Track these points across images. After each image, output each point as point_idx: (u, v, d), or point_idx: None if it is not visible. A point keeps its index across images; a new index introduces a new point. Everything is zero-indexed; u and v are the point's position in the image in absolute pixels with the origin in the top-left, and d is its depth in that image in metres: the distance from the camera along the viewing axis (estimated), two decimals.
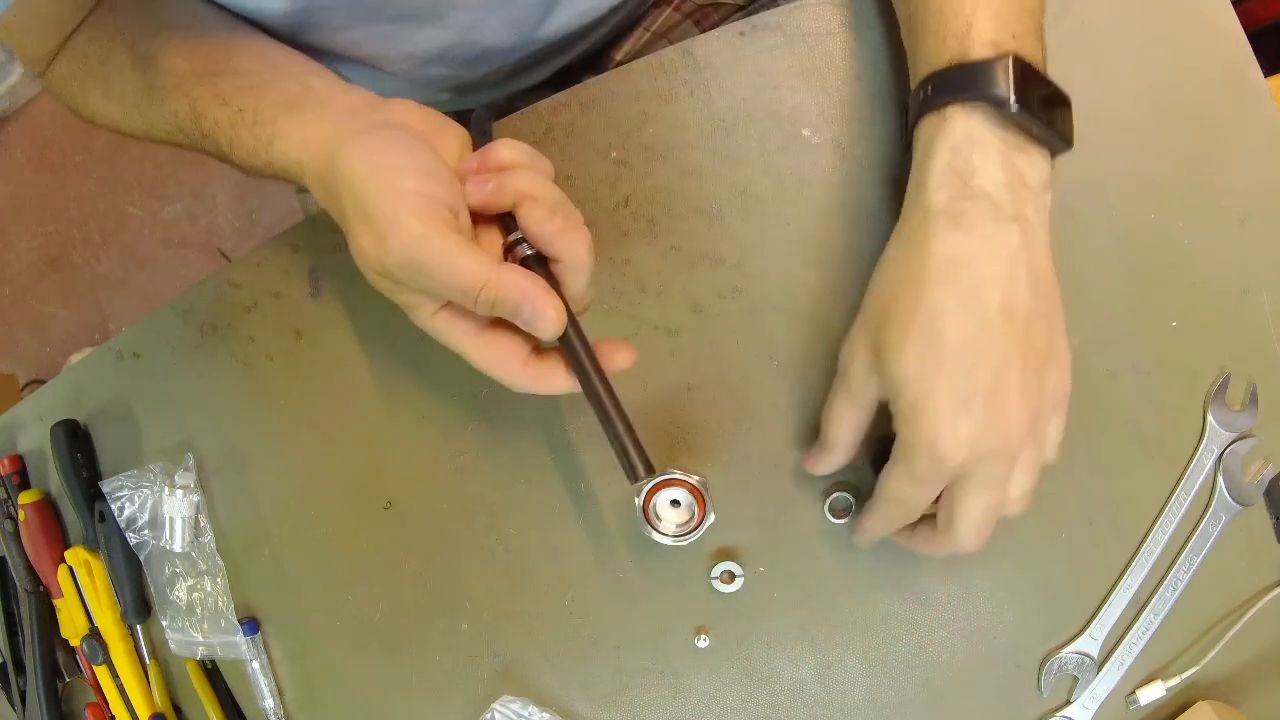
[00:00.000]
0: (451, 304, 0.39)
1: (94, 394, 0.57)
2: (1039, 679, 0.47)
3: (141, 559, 0.55)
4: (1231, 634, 0.46)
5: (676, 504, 0.45)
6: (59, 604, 0.58)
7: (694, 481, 0.44)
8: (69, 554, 0.57)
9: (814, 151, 0.48)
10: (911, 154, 0.41)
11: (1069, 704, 0.47)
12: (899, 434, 0.38)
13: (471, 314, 0.39)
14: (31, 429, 0.60)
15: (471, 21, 0.52)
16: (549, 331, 0.37)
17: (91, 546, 0.57)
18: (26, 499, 0.57)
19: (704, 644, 0.49)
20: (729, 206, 0.49)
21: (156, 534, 0.54)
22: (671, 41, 0.66)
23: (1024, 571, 0.47)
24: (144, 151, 1.70)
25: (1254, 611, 0.46)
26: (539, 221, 0.37)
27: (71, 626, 0.57)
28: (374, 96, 0.44)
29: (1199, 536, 0.46)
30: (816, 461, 0.44)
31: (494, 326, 0.40)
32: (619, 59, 0.66)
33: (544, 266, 0.39)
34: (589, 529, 0.50)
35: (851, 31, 0.48)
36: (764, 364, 0.48)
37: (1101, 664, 0.47)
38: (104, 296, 1.70)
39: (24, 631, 0.59)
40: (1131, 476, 0.47)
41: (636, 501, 0.45)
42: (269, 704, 0.53)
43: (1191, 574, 0.46)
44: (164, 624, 0.55)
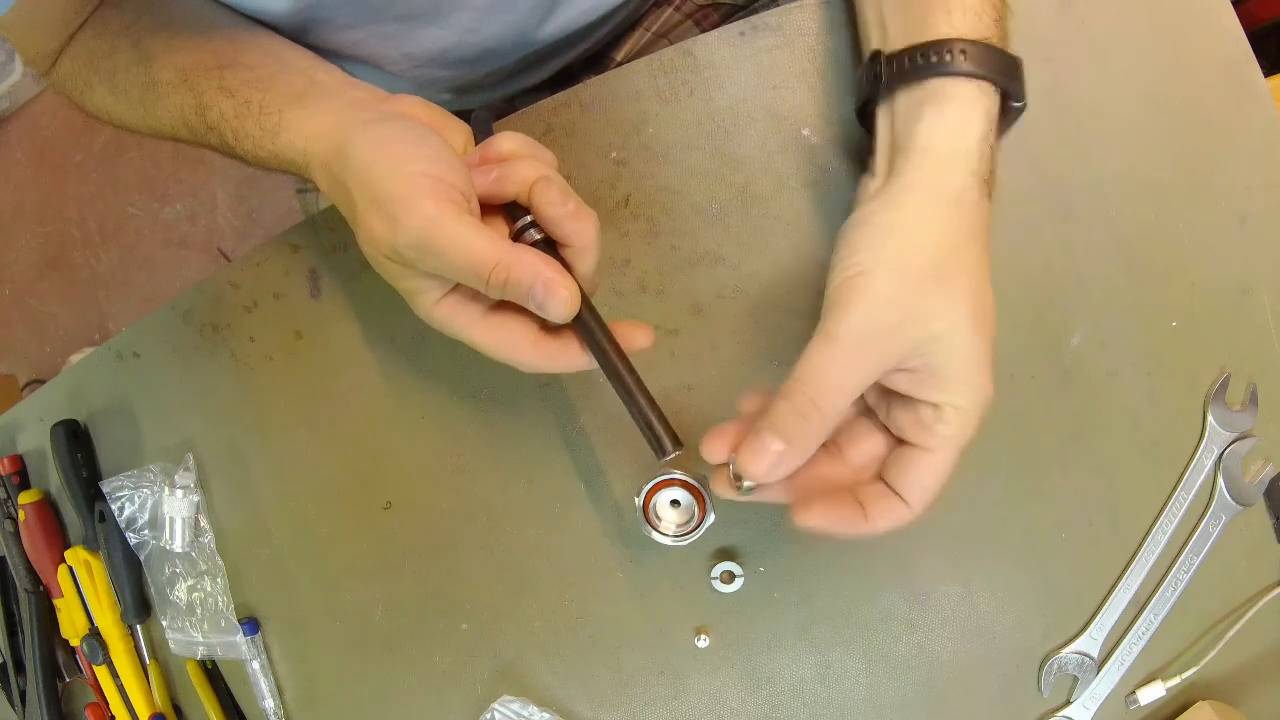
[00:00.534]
0: (456, 291, 0.39)
1: (94, 394, 0.57)
2: (1039, 679, 0.47)
3: (141, 559, 0.55)
4: (1231, 634, 0.46)
5: (676, 504, 0.45)
6: (59, 604, 0.58)
7: (694, 481, 0.44)
8: (69, 554, 0.57)
9: (814, 151, 0.48)
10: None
11: (1069, 704, 0.47)
12: (936, 398, 0.35)
13: (476, 298, 0.39)
14: (31, 429, 0.60)
15: (473, 22, 0.52)
16: (562, 313, 0.36)
17: (91, 546, 0.57)
18: (26, 499, 0.57)
19: (704, 644, 0.49)
20: (729, 206, 0.49)
21: (156, 534, 0.54)
22: (671, 41, 0.66)
23: (1024, 571, 0.47)
24: (144, 151, 1.70)
25: (1254, 611, 0.46)
26: (553, 203, 0.37)
27: (71, 626, 0.57)
28: (380, 91, 0.44)
29: (1199, 536, 0.46)
30: (794, 450, 0.36)
31: (500, 308, 0.39)
32: (619, 59, 0.66)
33: (553, 252, 0.39)
34: (589, 529, 0.50)
35: (851, 31, 0.48)
36: (764, 364, 0.48)
37: (1101, 664, 0.47)
38: (104, 296, 1.70)
39: (24, 631, 0.59)
40: (1131, 476, 0.47)
41: (636, 501, 0.45)
42: (269, 704, 0.53)
43: (1191, 574, 0.46)
44: (164, 624, 0.55)
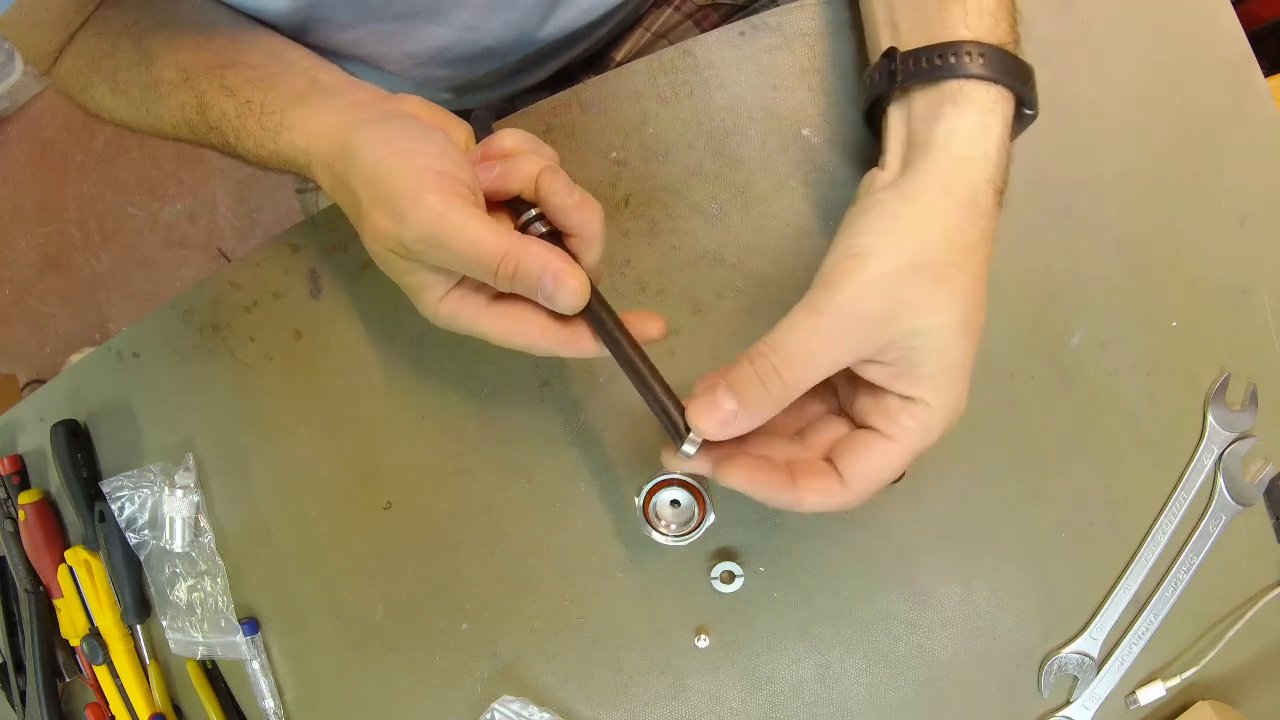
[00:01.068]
0: (460, 285, 0.39)
1: (94, 394, 0.57)
2: (1039, 679, 0.47)
3: (141, 559, 0.55)
4: (1231, 634, 0.46)
5: (676, 504, 0.45)
6: (59, 604, 0.58)
7: (694, 481, 0.44)
8: (69, 554, 0.57)
9: (814, 151, 0.48)
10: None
11: (1069, 704, 0.47)
12: (909, 392, 0.35)
13: (481, 289, 0.39)
14: (31, 429, 0.60)
15: (473, 20, 0.52)
16: (572, 303, 0.36)
17: (91, 546, 0.57)
18: (26, 499, 0.57)
19: (704, 644, 0.49)
20: (729, 206, 0.49)
21: (156, 534, 0.54)
22: (671, 41, 0.66)
23: (1024, 571, 0.47)
24: (144, 151, 1.70)
25: (1254, 611, 0.46)
26: (560, 193, 0.37)
27: (71, 626, 0.57)
28: (381, 90, 0.44)
29: (1199, 536, 0.46)
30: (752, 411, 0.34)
31: (506, 297, 0.39)
32: (619, 59, 0.66)
33: (559, 244, 0.39)
34: (589, 529, 0.50)
35: (851, 31, 0.48)
36: None
37: (1101, 664, 0.47)
38: (104, 296, 1.70)
39: (24, 631, 0.59)
40: (1131, 476, 0.47)
41: (636, 501, 0.44)
42: (269, 704, 0.53)
43: (1191, 574, 0.46)
44: (164, 624, 0.55)
